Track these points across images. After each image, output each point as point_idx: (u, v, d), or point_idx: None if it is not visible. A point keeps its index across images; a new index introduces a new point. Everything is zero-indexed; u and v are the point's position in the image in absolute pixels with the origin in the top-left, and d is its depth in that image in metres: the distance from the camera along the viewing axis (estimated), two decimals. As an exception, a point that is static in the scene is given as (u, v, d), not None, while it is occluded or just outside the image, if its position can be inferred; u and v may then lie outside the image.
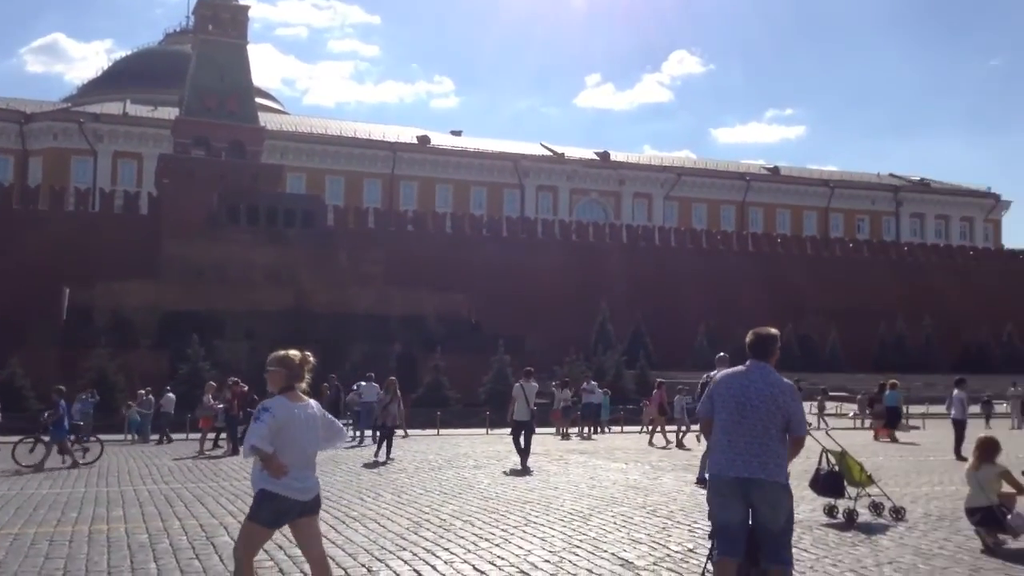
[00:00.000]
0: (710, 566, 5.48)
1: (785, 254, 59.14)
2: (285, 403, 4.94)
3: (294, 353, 5.15)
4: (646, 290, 50.65)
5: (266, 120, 56.67)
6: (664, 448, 19.71)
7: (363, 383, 23.14)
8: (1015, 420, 29.61)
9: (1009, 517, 7.86)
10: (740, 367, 5.41)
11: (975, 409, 34.13)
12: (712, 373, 10.22)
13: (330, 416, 5.38)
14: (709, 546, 5.67)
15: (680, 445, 20.07)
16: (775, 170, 77.32)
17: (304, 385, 5.12)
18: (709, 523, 5.60)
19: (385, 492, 11.84)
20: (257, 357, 21.72)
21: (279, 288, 39.40)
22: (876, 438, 22.72)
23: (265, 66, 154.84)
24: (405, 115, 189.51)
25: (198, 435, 20.95)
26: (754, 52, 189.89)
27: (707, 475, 5.56)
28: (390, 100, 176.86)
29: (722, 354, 12.22)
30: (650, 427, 21.95)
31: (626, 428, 27.68)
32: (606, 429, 26.95)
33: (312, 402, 5.16)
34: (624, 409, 29.66)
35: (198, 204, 43.69)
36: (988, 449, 8.27)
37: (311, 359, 5.18)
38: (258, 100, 57.54)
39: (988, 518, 7.93)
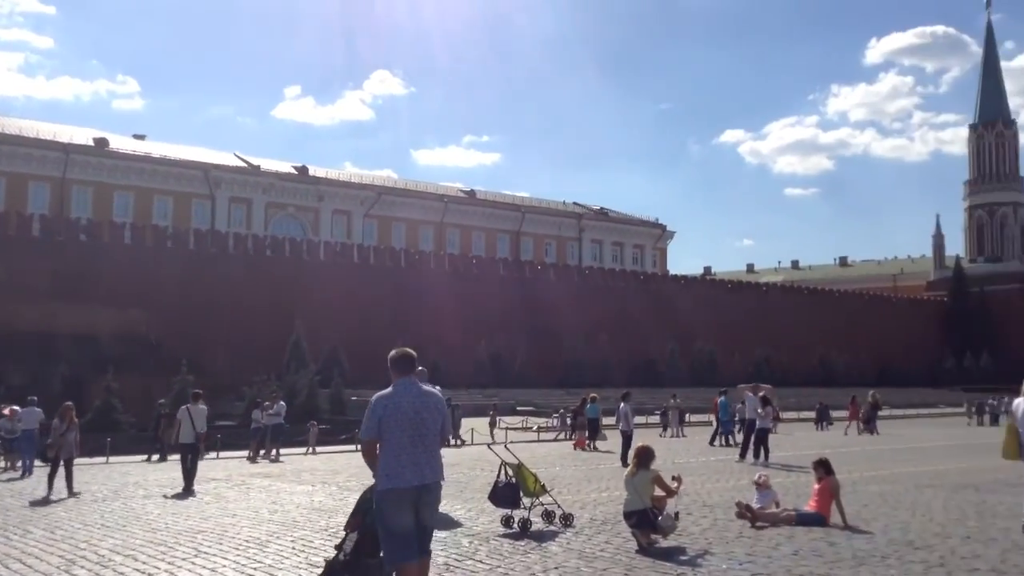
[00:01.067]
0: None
1: (480, 274, 61.30)
2: None
3: None
4: (343, 308, 50.08)
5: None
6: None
7: (19, 408, 20.65)
8: (674, 428, 32.75)
9: (660, 519, 8.53)
10: (389, 389, 5.90)
11: (653, 419, 37.64)
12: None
13: None
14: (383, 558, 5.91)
15: None
16: (472, 193, 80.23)
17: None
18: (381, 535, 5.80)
19: (36, 528, 10.53)
20: None
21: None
22: (576, 448, 24.30)
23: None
24: (82, 115, 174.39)
25: None
26: (454, 78, 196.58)
27: (379, 488, 5.73)
28: (65, 97, 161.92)
29: (420, 368, 12.23)
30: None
31: (318, 448, 27.05)
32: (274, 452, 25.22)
33: None
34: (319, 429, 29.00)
35: None
36: (644, 457, 8.94)
37: None
38: None
39: (643, 520, 8.55)
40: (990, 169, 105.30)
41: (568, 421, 31.45)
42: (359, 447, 6.45)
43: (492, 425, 30.86)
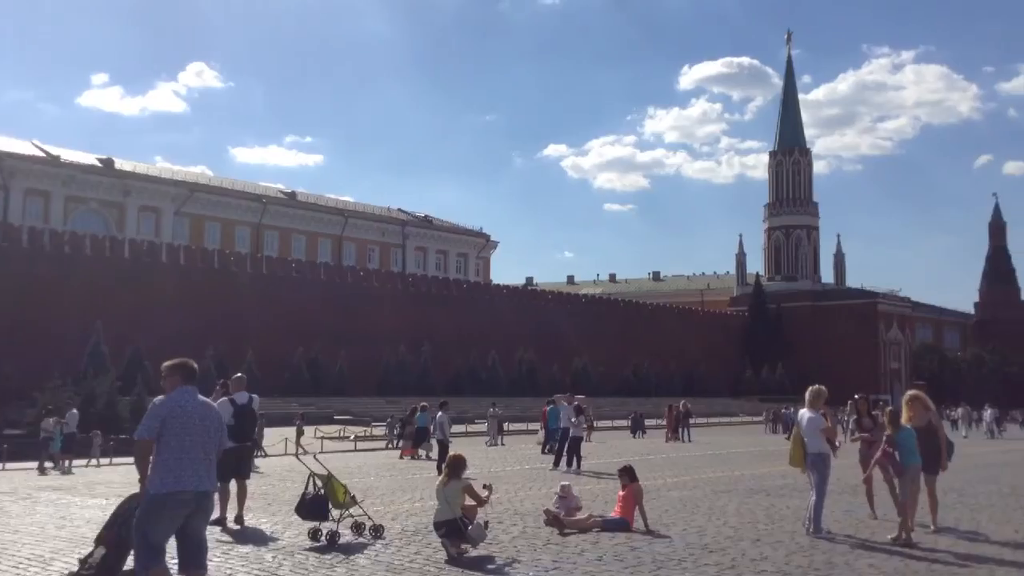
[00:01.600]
0: None
1: (299, 279, 59.73)
2: None
3: None
4: (149, 311, 47.35)
5: None
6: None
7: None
8: (491, 438, 33.08)
9: (470, 528, 8.52)
10: (174, 393, 5.90)
11: (474, 428, 37.83)
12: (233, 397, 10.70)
13: None
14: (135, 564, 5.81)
15: None
16: (292, 195, 78.20)
17: None
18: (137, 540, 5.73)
19: None
20: None
21: None
22: (402, 457, 24.03)
23: None
24: None
25: None
26: (277, 75, 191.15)
27: (155, 492, 5.64)
28: None
29: (239, 375, 11.75)
30: None
31: (115, 460, 25.44)
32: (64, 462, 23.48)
33: None
34: (115, 439, 27.32)
35: None
36: (455, 466, 8.91)
37: None
38: None
39: (452, 530, 8.51)
40: (787, 194, 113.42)
41: (396, 430, 31.27)
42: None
43: (299, 434, 29.95)
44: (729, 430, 48.52)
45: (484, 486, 9.22)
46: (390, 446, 31.35)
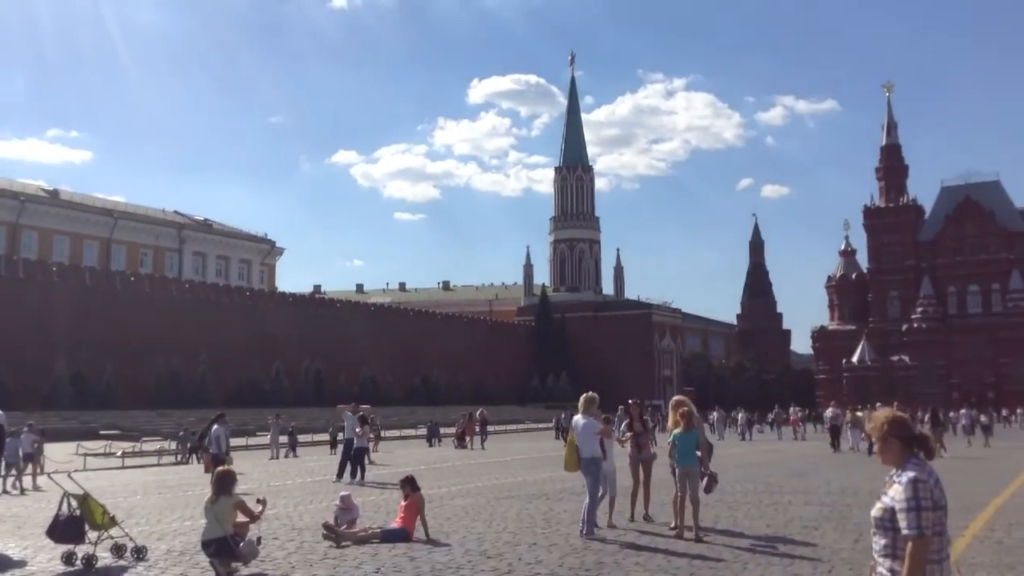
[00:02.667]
0: None
1: (61, 284, 55.17)
2: None
3: None
4: None
5: None
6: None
7: None
8: (275, 450, 31.93)
9: (241, 545, 8.12)
10: None
11: (255, 441, 36.29)
12: None
13: None
14: None
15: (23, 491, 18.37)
16: (55, 193, 72.27)
17: None
18: None
19: None
20: None
21: None
22: (207, 472, 22.59)
23: None
24: None
25: None
26: (37, 63, 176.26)
27: None
28: None
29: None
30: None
31: None
32: None
33: None
34: None
35: None
36: (224, 482, 8.46)
37: None
38: None
39: (222, 549, 8.07)
40: (572, 208, 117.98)
41: (189, 444, 29.85)
42: None
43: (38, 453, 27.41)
44: (518, 437, 49.57)
45: (257, 500, 8.83)
46: (182, 461, 29.86)
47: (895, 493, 3.52)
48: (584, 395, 10.75)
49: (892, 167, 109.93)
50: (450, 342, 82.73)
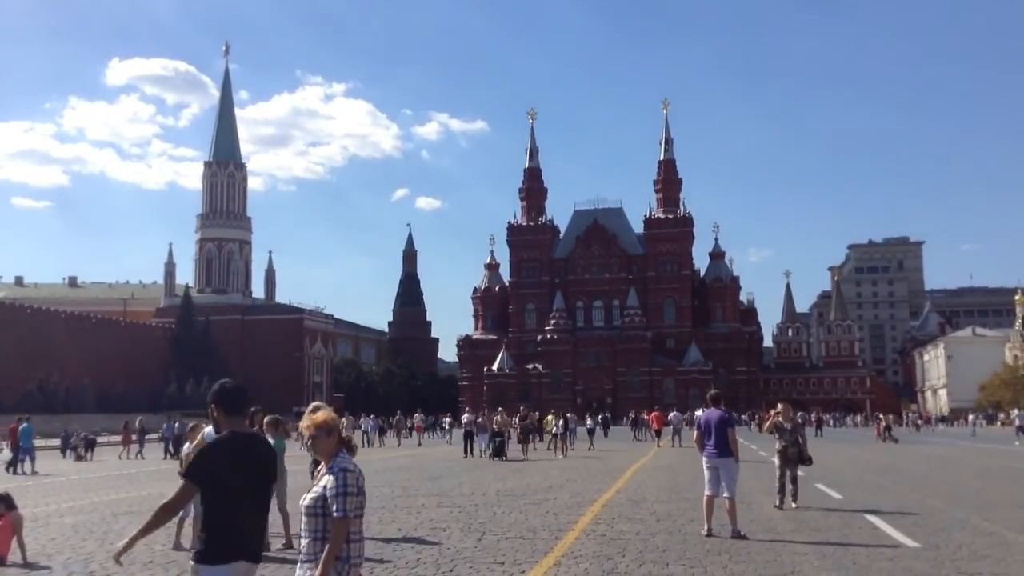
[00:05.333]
0: None
1: None
2: None
3: None
4: None
5: None
6: None
7: None
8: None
9: None
10: None
11: None
12: None
13: None
14: None
15: None
16: None
17: None
18: None
19: None
20: None
21: None
22: None
23: None
24: None
25: None
26: None
27: None
28: None
29: None
30: None
31: None
32: None
33: None
34: None
35: None
36: None
37: None
38: None
39: None
40: (222, 206, 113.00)
41: None
42: None
43: None
44: (152, 448, 46.14)
45: None
46: None
47: (328, 482, 3.89)
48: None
49: (533, 188, 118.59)
50: (76, 344, 75.27)
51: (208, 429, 10.10)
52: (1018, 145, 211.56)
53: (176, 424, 34.90)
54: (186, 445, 10.47)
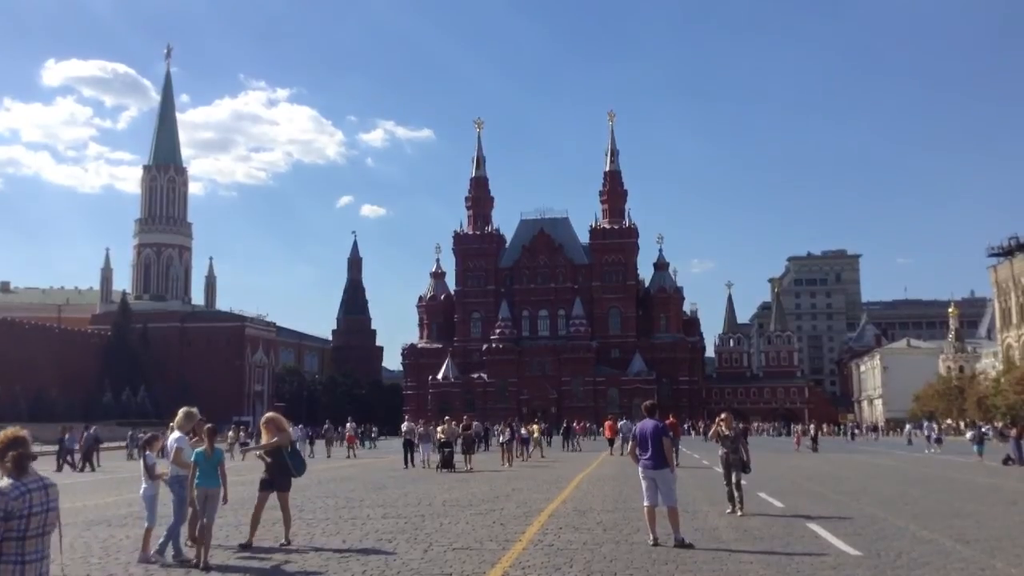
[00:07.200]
0: None
1: None
2: None
3: None
4: None
5: None
6: None
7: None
8: None
9: None
10: None
11: None
12: None
13: None
14: None
15: None
16: None
17: None
18: None
19: None
20: None
21: None
22: None
23: None
24: None
25: None
26: None
27: None
28: None
29: None
30: None
31: None
32: None
33: None
34: None
35: None
36: None
37: None
38: None
39: None
40: (161, 211, 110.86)
41: None
42: None
43: None
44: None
45: None
46: None
47: None
48: (183, 409, 10.17)
49: (480, 197, 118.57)
50: (7, 350, 73.07)
51: (173, 436, 9.87)
52: (951, 162, 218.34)
53: (88, 432, 33.72)
54: (148, 454, 10.17)
